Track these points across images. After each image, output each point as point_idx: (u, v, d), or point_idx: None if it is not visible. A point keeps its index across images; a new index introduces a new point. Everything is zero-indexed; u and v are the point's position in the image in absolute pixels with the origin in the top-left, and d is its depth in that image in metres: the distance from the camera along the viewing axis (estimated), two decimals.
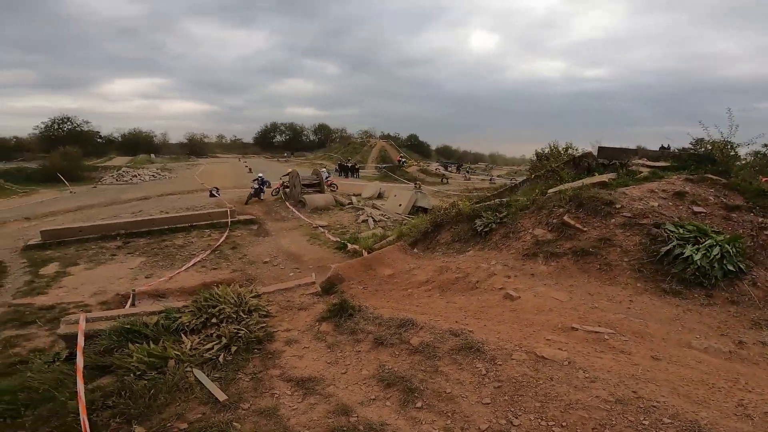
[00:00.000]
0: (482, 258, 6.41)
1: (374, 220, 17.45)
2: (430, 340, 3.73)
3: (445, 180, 34.12)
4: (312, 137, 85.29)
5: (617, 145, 12.10)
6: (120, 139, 67.24)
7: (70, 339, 4.65)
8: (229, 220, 15.61)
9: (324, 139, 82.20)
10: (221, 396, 3.12)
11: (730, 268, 5.00)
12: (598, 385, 3.01)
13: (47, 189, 30.10)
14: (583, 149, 12.51)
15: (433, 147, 75.61)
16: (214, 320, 4.28)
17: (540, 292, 4.93)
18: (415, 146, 69.28)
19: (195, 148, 72.60)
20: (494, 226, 7.28)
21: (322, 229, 14.76)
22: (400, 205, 18.75)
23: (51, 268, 10.45)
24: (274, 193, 20.42)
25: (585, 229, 6.04)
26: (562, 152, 19.02)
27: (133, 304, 8.17)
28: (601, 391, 2.94)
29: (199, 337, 4.02)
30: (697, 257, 5.08)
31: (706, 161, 8.97)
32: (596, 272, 5.33)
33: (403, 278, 6.48)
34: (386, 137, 66.17)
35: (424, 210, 17.77)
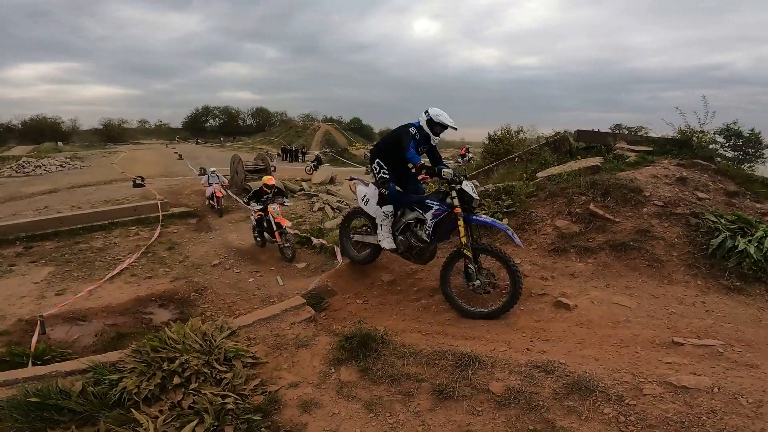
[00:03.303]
0: None
1: (332, 208, 16.10)
2: (518, 384, 2.63)
3: None
4: (249, 121, 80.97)
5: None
6: (20, 126, 61.19)
7: None
8: (161, 213, 13.41)
9: (263, 123, 78.49)
10: None
11: None
12: None
13: None
14: (553, 133, 12.15)
15: (377, 130, 75.05)
16: (176, 380, 2.80)
17: (597, 298, 4.04)
18: (358, 129, 68.06)
19: (112, 135, 66.84)
20: (501, 216, 6.34)
21: None
22: None
23: None
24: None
25: (616, 219, 5.28)
26: (514, 135, 18.87)
27: (43, 332, 6.23)
28: None
29: (162, 413, 2.55)
30: (751, 250, 4.50)
31: (685, 146, 8.96)
32: (646, 269, 4.56)
33: (408, 284, 5.31)
34: (329, 121, 64.19)
35: None
